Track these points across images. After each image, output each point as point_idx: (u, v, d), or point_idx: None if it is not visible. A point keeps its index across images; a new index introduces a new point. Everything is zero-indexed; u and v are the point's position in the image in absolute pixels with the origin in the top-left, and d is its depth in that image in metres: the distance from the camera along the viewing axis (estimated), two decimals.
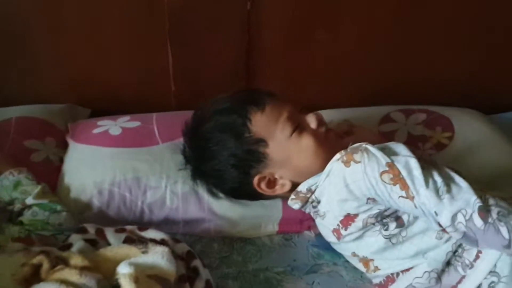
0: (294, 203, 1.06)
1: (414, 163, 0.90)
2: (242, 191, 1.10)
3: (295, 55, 1.46)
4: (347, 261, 1.09)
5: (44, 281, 0.87)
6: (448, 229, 0.89)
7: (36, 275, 0.89)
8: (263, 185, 1.06)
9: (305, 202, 1.04)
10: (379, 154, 0.92)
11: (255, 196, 1.10)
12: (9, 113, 1.30)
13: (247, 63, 1.44)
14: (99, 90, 1.44)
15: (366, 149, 0.94)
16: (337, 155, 0.97)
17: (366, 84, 1.50)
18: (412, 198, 0.89)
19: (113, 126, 1.27)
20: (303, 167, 1.04)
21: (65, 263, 0.91)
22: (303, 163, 1.04)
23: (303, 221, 1.16)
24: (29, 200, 1.06)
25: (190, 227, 1.15)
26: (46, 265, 0.89)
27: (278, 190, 1.06)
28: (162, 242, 0.99)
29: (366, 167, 0.91)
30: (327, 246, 1.12)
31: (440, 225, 0.90)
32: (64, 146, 1.27)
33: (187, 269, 0.97)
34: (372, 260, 1.02)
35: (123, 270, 0.87)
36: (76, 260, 0.90)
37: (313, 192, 1.02)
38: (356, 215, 0.97)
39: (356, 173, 0.93)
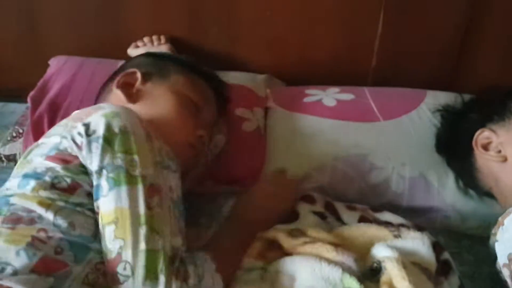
0: None
1: None
2: (457, 139, 1.01)
3: None
4: None
5: (296, 254, 0.79)
6: None
7: (269, 248, 0.82)
8: (480, 138, 0.97)
9: None
10: None
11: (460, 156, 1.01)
12: None
13: (463, 42, 1.29)
14: (295, 57, 1.35)
15: None
16: None
17: None
18: None
19: (325, 96, 1.17)
20: None
21: (305, 235, 0.83)
22: None
23: None
24: None
25: (411, 216, 1.03)
26: (282, 237, 0.81)
27: (490, 154, 0.95)
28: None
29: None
30: None
31: None
32: (266, 115, 1.19)
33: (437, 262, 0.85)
34: None
35: (385, 253, 0.77)
36: (321, 235, 0.82)
37: None
38: None
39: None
